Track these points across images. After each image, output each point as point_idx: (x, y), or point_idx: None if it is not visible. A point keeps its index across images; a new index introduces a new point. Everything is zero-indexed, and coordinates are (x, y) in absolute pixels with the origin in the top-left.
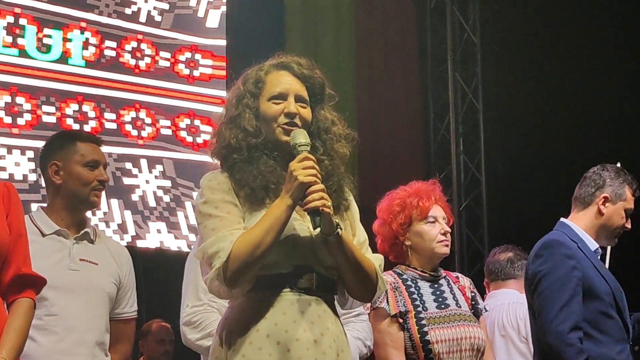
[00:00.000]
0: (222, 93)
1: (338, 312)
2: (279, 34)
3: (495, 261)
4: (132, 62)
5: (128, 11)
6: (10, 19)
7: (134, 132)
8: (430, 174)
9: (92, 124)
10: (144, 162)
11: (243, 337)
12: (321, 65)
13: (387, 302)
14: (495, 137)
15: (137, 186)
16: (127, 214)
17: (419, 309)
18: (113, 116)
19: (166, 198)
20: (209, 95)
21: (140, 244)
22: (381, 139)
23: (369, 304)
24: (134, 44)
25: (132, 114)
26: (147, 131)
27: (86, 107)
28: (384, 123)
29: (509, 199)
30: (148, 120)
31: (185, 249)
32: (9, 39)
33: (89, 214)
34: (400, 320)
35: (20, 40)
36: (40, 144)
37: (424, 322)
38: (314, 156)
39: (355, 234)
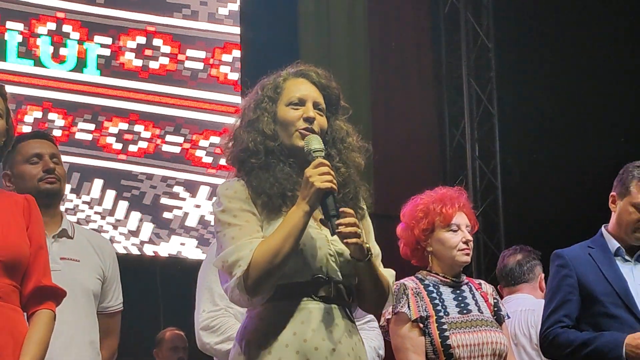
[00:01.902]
0: None
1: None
2: (294, 44)
3: (504, 265)
4: (234, 76)
5: (223, 11)
6: (67, 28)
7: (207, 159)
8: (446, 179)
9: (142, 144)
10: (204, 190)
11: (262, 347)
12: (336, 73)
13: (408, 306)
14: (511, 142)
15: (179, 207)
16: (148, 226)
17: (441, 313)
18: (180, 139)
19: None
20: None
21: (153, 252)
22: (396, 145)
23: (390, 309)
24: (236, 52)
25: (215, 139)
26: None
27: (139, 127)
28: (399, 129)
29: (525, 203)
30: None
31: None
32: (64, 52)
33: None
34: (421, 325)
35: (79, 50)
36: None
37: (445, 326)
38: (330, 163)
39: None
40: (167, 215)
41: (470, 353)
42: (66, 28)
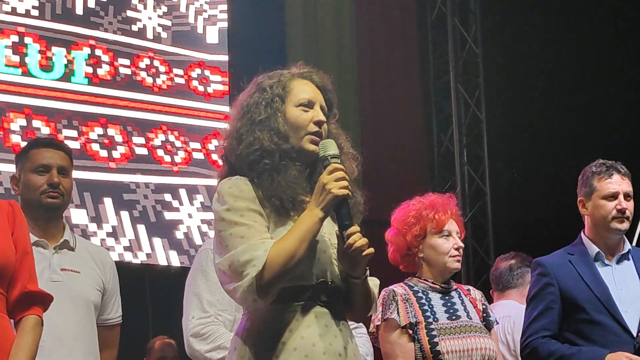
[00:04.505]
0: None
1: None
2: (281, 49)
3: (496, 269)
4: (149, 80)
5: (134, 28)
6: (15, 38)
7: (167, 158)
8: (435, 185)
9: (121, 149)
10: (183, 193)
11: (269, 350)
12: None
13: (398, 313)
14: (499, 148)
15: (180, 221)
16: (173, 254)
17: (430, 319)
18: (142, 140)
19: (212, 234)
20: (225, 113)
21: (149, 261)
22: (385, 151)
23: (379, 316)
24: (147, 61)
25: (162, 136)
26: (180, 156)
27: (111, 131)
28: (387, 134)
29: (514, 209)
30: (178, 144)
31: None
32: (16, 59)
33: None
34: (411, 332)
35: (26, 60)
36: None
37: (434, 332)
38: None
39: None
40: (178, 235)
41: (460, 359)
42: (27, 40)
